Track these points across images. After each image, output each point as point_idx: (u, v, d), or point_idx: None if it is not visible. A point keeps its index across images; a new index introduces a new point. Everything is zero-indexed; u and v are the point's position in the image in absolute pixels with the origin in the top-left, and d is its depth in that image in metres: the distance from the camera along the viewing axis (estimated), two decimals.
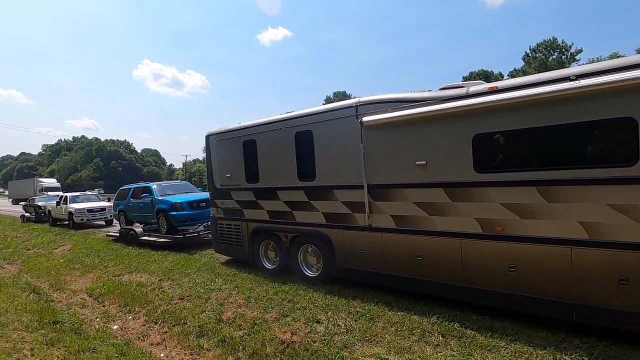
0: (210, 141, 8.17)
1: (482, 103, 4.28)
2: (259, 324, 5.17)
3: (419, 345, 4.16)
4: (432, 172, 4.83)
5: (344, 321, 4.89)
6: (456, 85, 4.87)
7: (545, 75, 4.05)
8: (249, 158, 7.30)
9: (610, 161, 3.67)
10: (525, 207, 4.13)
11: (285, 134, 6.56)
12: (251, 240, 7.43)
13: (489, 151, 4.43)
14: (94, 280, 8.67)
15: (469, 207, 4.54)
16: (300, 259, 6.74)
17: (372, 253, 5.56)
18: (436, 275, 4.90)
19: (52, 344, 4.68)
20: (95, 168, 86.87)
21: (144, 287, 7.51)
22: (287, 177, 6.57)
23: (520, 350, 3.83)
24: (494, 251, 4.39)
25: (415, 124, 4.96)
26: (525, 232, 4.15)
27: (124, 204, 13.73)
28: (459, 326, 4.39)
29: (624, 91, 3.46)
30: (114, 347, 4.97)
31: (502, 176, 4.28)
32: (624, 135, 3.56)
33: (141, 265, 9.07)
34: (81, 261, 10.50)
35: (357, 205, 5.65)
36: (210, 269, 7.93)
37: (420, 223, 4.99)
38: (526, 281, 4.17)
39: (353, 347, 4.29)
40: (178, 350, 5.04)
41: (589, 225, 3.75)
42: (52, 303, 7.27)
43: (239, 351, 4.63)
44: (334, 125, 5.88)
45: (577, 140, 3.88)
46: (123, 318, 6.37)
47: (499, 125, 4.26)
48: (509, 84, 4.27)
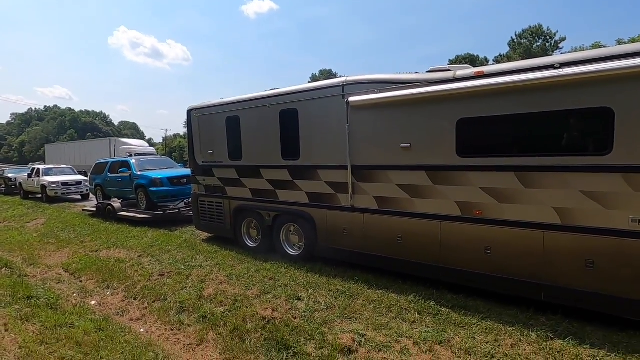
0: (192, 116, 7.93)
1: (468, 88, 4.30)
2: (240, 300, 5.22)
3: (396, 322, 4.32)
4: (415, 155, 4.87)
5: (324, 298, 5.00)
6: (443, 69, 4.86)
7: (531, 62, 4.09)
8: (232, 135, 7.15)
9: (586, 150, 3.80)
10: (503, 191, 4.25)
11: (270, 112, 6.43)
12: (233, 218, 7.39)
13: (472, 136, 4.49)
14: (70, 255, 8.47)
15: (450, 191, 4.64)
16: (283, 237, 6.78)
17: (354, 233, 5.64)
18: (415, 256, 5.04)
19: (27, 319, 4.59)
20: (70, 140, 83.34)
21: (123, 263, 7.41)
22: (271, 156, 6.50)
23: (490, 327, 4.03)
24: (471, 234, 4.54)
25: (402, 106, 4.95)
26: (502, 216, 4.29)
27: (100, 178, 13.32)
28: (434, 304, 4.57)
29: (604, 81, 3.55)
30: (92, 323, 4.93)
31: (484, 161, 4.36)
32: (601, 124, 3.67)
33: (120, 241, 8.91)
34: (56, 236, 10.21)
35: (340, 186, 5.67)
36: (191, 246, 7.88)
37: (402, 205, 5.07)
38: (500, 263, 4.36)
39: (332, 324, 4.41)
40: (158, 325, 5.05)
41: (562, 211, 3.91)
42: (26, 278, 7.08)
43: (220, 327, 4.67)
44: (319, 104, 5.80)
45: (556, 128, 3.98)
46: (101, 294, 6.29)
47: (483, 111, 4.30)
48: (496, 69, 4.30)
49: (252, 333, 4.43)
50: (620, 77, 3.47)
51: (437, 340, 3.87)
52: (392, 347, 3.86)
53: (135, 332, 4.88)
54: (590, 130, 3.86)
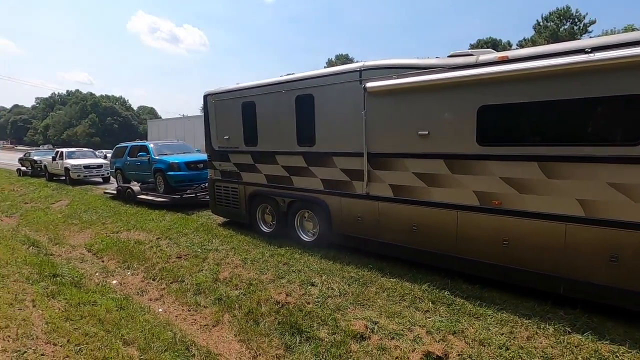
0: (209, 101, 7.95)
1: (491, 73, 4.13)
2: (255, 284, 5.32)
3: (409, 310, 4.32)
4: (433, 143, 4.76)
5: (337, 285, 5.03)
6: (465, 53, 4.68)
7: (559, 47, 3.88)
8: (247, 120, 7.15)
9: (615, 139, 3.61)
10: (524, 182, 4.12)
11: (286, 97, 6.38)
12: (248, 204, 7.47)
13: (493, 124, 4.34)
14: (93, 236, 8.79)
15: (468, 180, 4.53)
16: (297, 223, 6.82)
17: (369, 221, 5.61)
18: (430, 245, 4.99)
19: (52, 295, 4.81)
20: (91, 124, 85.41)
21: (142, 244, 7.63)
22: (286, 142, 6.48)
23: (506, 318, 3.98)
24: (489, 224, 4.44)
25: (421, 92, 4.81)
26: (522, 207, 4.17)
27: (120, 162, 13.63)
28: (449, 294, 4.54)
29: (637, 67, 3.33)
30: (113, 301, 5.12)
31: (505, 150, 4.22)
32: (632, 113, 3.47)
33: (139, 223, 9.17)
34: (79, 217, 10.59)
35: (355, 173, 5.62)
36: (208, 230, 8.03)
37: (418, 193, 5.00)
38: (518, 254, 4.26)
39: (345, 310, 4.44)
40: (176, 306, 5.21)
41: (587, 203, 3.77)
42: (52, 257, 7.40)
43: (235, 309, 4.78)
44: (336, 90, 5.70)
45: (584, 117, 3.80)
46: (122, 274, 6.52)
47: (506, 98, 4.14)
48: (520, 54, 4.10)
49: (266, 316, 4.51)
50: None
51: (450, 330, 3.85)
52: (404, 335, 3.87)
53: (154, 312, 5.06)
54: (621, 118, 3.66)
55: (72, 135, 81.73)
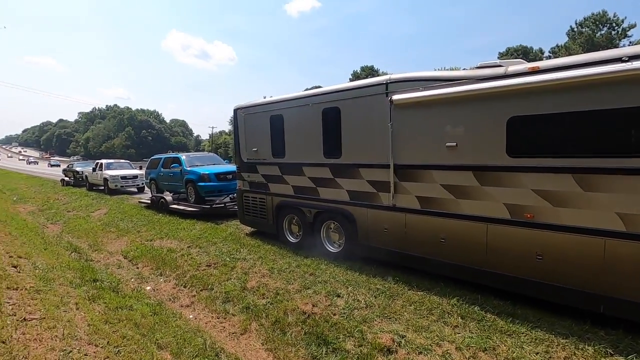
0: (238, 115, 8.26)
1: (521, 84, 4.07)
2: (282, 294, 5.39)
3: (437, 325, 4.23)
4: (462, 155, 4.71)
5: (363, 297, 5.01)
6: (494, 64, 4.64)
7: (594, 56, 3.77)
8: (275, 133, 7.35)
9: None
10: (558, 194, 3.99)
11: (312, 110, 6.53)
12: (276, 214, 7.62)
13: (524, 135, 4.25)
14: (128, 243, 9.22)
15: (498, 192, 4.43)
16: (323, 234, 6.87)
17: (395, 233, 5.58)
18: (459, 258, 4.89)
19: (93, 299, 5.09)
20: (127, 136, 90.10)
21: (174, 252, 7.93)
22: (313, 154, 6.60)
23: (541, 337, 3.82)
24: (521, 238, 4.31)
25: (448, 104, 4.80)
26: (557, 221, 4.03)
27: (155, 172, 14.30)
28: (479, 309, 4.41)
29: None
30: (148, 307, 5.35)
31: (537, 161, 4.12)
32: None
33: (171, 232, 9.53)
34: (116, 225, 11.15)
35: (382, 185, 5.63)
36: (236, 239, 8.24)
37: (446, 205, 4.94)
38: (553, 270, 4.10)
39: (372, 322, 4.41)
40: (206, 313, 5.37)
41: (628, 217, 3.59)
42: (92, 262, 7.83)
43: (262, 318, 4.87)
44: (362, 103, 5.79)
45: (623, 127, 3.64)
46: (155, 280, 6.80)
47: (538, 109, 4.05)
48: (552, 64, 4.02)
49: (293, 326, 4.56)
50: None
51: (481, 347, 3.74)
52: (433, 350, 3.80)
53: (185, 318, 5.23)
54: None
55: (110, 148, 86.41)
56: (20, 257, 6.33)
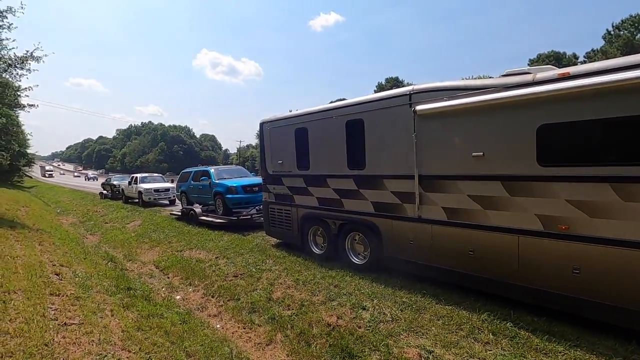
0: (264, 128, 8.48)
1: (551, 91, 3.95)
2: (307, 305, 5.40)
3: (467, 341, 4.08)
4: (489, 164, 4.59)
5: (389, 310, 4.92)
6: (521, 72, 4.53)
7: (628, 60, 3.61)
8: (300, 145, 7.47)
9: None
10: (595, 205, 3.79)
11: (336, 123, 6.60)
12: (301, 225, 7.68)
13: (556, 143, 4.10)
14: (160, 253, 9.58)
15: (529, 203, 4.27)
16: (348, 246, 6.84)
17: (421, 244, 5.47)
18: (489, 272, 4.71)
19: (127, 307, 5.31)
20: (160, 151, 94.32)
21: (203, 263, 8.15)
22: (337, 165, 6.65)
23: (580, 357, 3.60)
24: (555, 250, 4.11)
25: (474, 113, 4.72)
26: (594, 233, 3.81)
27: (185, 185, 14.84)
28: (511, 325, 4.21)
29: None
30: (177, 315, 5.51)
31: (570, 171, 3.94)
32: None
33: (200, 242, 9.82)
34: (149, 236, 11.62)
35: (407, 196, 5.57)
36: (262, 251, 8.36)
37: (474, 217, 4.80)
38: (592, 285, 3.86)
39: (398, 337, 4.32)
40: (232, 323, 5.46)
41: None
42: (126, 271, 8.19)
43: (287, 329, 4.89)
44: (385, 114, 5.80)
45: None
46: (185, 290, 7.00)
47: (569, 116, 3.91)
48: (583, 69, 3.88)
49: (318, 338, 4.54)
50: None
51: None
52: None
53: (213, 327, 5.34)
54: None
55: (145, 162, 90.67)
56: (63, 265, 6.73)
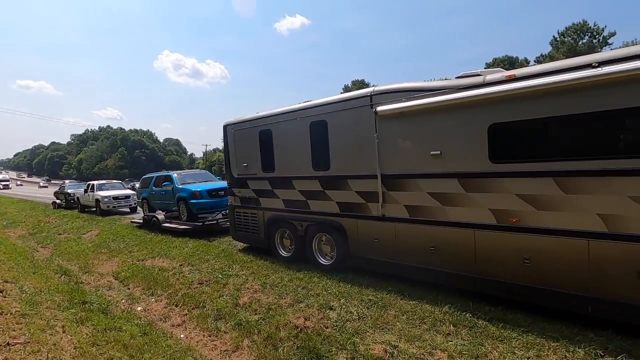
0: (228, 131, 8.32)
1: (498, 92, 4.19)
2: (274, 309, 5.34)
3: (429, 333, 4.21)
4: (446, 162, 4.79)
5: (356, 308, 4.98)
6: (473, 74, 4.78)
7: (566, 63, 3.91)
8: (264, 148, 7.41)
9: (633, 152, 3.53)
10: (541, 198, 4.05)
11: (300, 124, 6.61)
12: (267, 229, 7.60)
13: (505, 141, 4.34)
14: (120, 264, 9.11)
15: (483, 198, 4.50)
16: (315, 247, 6.86)
17: (386, 243, 5.59)
18: (449, 266, 4.90)
19: (81, 322, 5.00)
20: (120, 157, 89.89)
21: (166, 271, 7.84)
22: (302, 167, 6.65)
23: (532, 341, 3.81)
24: (508, 242, 4.35)
25: (430, 114, 4.90)
26: (541, 224, 4.08)
27: (147, 191, 14.24)
28: (470, 316, 4.40)
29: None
30: (137, 327, 5.25)
31: (519, 167, 4.20)
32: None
33: (163, 250, 9.44)
34: (108, 246, 11.02)
35: (371, 195, 5.67)
36: (228, 256, 8.18)
37: (433, 213, 4.98)
38: (541, 273, 4.13)
39: (364, 334, 4.38)
40: (197, 331, 5.29)
41: (608, 218, 3.66)
42: (82, 285, 7.70)
43: (254, 334, 4.81)
44: (348, 115, 5.88)
45: (597, 130, 3.76)
46: (146, 300, 6.70)
47: (515, 115, 4.16)
48: (528, 71, 4.15)
49: (285, 341, 4.51)
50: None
51: (473, 354, 3.72)
52: (425, 359, 3.77)
53: (176, 337, 5.14)
54: (636, 131, 3.60)
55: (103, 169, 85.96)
56: (7, 281, 6.22)
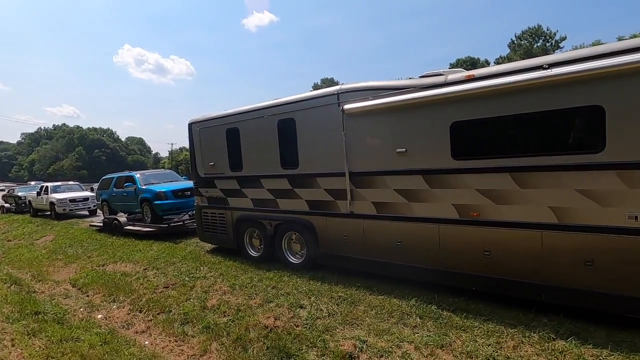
0: (193, 129, 8.07)
1: (458, 91, 4.35)
2: (243, 310, 5.26)
3: (397, 327, 4.31)
4: (411, 160, 4.91)
5: (326, 306, 5.01)
6: (435, 73, 4.92)
7: (521, 64, 4.13)
8: (232, 146, 7.25)
9: (579, 148, 3.80)
10: (499, 192, 4.26)
11: (268, 122, 6.53)
12: (236, 229, 7.46)
13: (465, 139, 4.52)
14: (78, 270, 8.60)
15: (446, 194, 4.66)
16: (285, 246, 6.82)
17: (354, 239, 5.66)
18: (415, 260, 5.04)
19: (33, 334, 4.67)
20: (78, 157, 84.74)
21: (129, 276, 7.50)
22: (271, 165, 6.58)
23: (492, 329, 4.01)
24: (469, 236, 4.54)
25: (395, 112, 5.01)
26: (499, 217, 4.29)
27: (107, 193, 13.53)
28: (436, 308, 4.56)
29: (592, 80, 3.57)
30: (97, 336, 4.99)
31: (478, 163, 4.39)
32: (592, 122, 3.69)
33: (125, 254, 9.02)
34: (64, 252, 10.37)
35: (339, 193, 5.71)
36: (196, 258, 7.95)
37: (400, 209, 5.10)
38: (500, 264, 4.34)
39: (334, 330, 4.41)
40: (163, 337, 5.10)
41: (558, 210, 3.91)
42: (34, 294, 7.20)
43: (223, 337, 4.71)
44: (315, 113, 5.88)
45: (547, 128, 4.00)
46: (107, 307, 6.37)
47: (474, 114, 4.34)
48: (486, 72, 4.34)
49: (255, 342, 4.45)
50: (608, 75, 3.50)
51: (438, 344, 3.86)
52: (393, 352, 3.86)
53: (140, 345, 4.94)
54: (583, 128, 3.87)
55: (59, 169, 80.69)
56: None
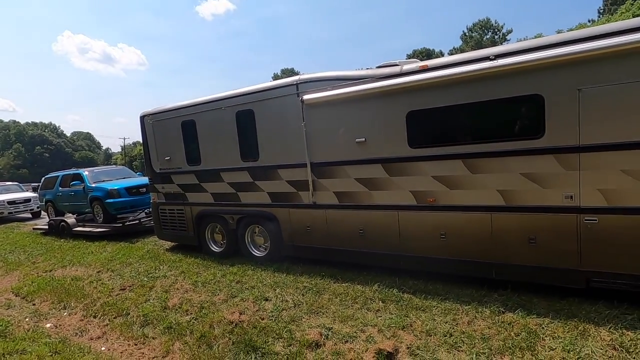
0: (146, 122, 7.65)
1: (413, 81, 4.48)
2: (207, 307, 5.14)
3: (361, 312, 4.44)
4: (371, 149, 5.01)
5: (291, 297, 5.03)
6: (392, 64, 5.02)
7: (470, 55, 4.32)
8: (188, 139, 6.98)
9: (522, 134, 4.07)
10: (453, 178, 4.48)
11: (226, 114, 6.35)
12: (196, 225, 7.23)
13: (420, 127, 4.68)
14: (21, 278, 7.91)
15: (404, 181, 4.82)
16: (248, 239, 6.73)
17: (318, 229, 5.71)
18: (377, 246, 5.19)
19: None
20: (16, 155, 77.41)
21: (80, 280, 7.03)
22: (230, 158, 6.42)
23: (449, 307, 4.25)
24: (427, 221, 4.75)
25: (354, 102, 5.06)
26: (453, 202, 4.52)
27: (51, 193, 12.53)
28: (397, 291, 4.74)
29: (533, 70, 3.82)
30: (47, 346, 4.65)
31: (433, 151, 4.57)
32: (533, 110, 3.96)
33: (76, 258, 8.44)
34: (4, 259, 9.49)
35: (301, 184, 5.71)
36: (154, 257, 7.62)
37: (361, 198, 5.20)
38: (455, 246, 4.59)
39: (300, 320, 4.45)
40: (121, 341, 4.85)
41: (506, 193, 4.19)
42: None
43: (186, 336, 4.58)
44: (275, 104, 5.80)
45: (494, 116, 4.25)
46: (57, 315, 5.94)
47: (428, 103, 4.50)
48: (438, 62, 4.50)
49: (220, 338, 4.37)
50: (547, 66, 3.77)
51: (400, 326, 4.02)
52: (357, 336, 3.97)
53: (96, 351, 4.67)
54: (525, 116, 4.15)
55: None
56: None
